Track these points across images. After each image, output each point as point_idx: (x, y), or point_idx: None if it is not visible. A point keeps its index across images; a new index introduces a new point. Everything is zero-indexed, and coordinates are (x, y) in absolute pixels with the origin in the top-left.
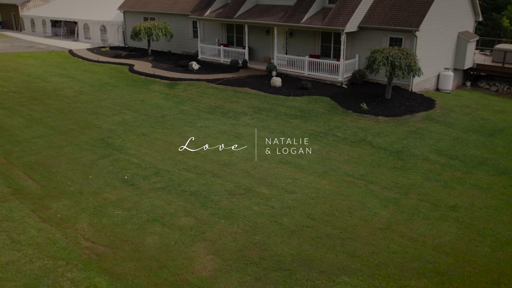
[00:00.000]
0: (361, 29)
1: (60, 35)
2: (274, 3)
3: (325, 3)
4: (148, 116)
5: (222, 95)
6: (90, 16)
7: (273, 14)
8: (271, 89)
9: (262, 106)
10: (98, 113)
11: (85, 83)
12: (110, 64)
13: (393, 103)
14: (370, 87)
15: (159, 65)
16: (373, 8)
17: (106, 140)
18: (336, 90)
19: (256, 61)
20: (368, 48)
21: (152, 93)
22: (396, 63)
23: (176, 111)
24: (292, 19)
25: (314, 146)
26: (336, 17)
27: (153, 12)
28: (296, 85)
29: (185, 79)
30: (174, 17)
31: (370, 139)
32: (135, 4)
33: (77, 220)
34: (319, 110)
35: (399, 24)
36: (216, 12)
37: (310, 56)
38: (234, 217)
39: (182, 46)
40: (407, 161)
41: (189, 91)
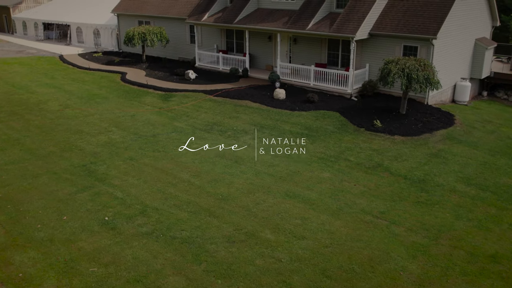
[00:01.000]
0: (372, 36)
1: (52, 39)
2: (277, 7)
3: (333, 8)
4: (138, 136)
5: (220, 110)
6: (83, 19)
7: (276, 19)
8: (274, 102)
9: (264, 122)
10: (83, 132)
11: (72, 94)
12: (101, 72)
13: (409, 119)
14: (382, 100)
15: (154, 73)
16: (385, 13)
17: (88, 166)
18: (345, 104)
19: (257, 69)
20: (382, 59)
21: (144, 106)
22: (413, 75)
23: (170, 129)
24: (296, 25)
25: (324, 173)
26: (345, 24)
27: (148, 16)
28: (301, 98)
29: (180, 90)
30: (170, 21)
31: (387, 164)
32: (129, 7)
33: (43, 281)
34: (327, 128)
35: (414, 31)
36: (214, 16)
37: (316, 65)
38: (233, 276)
39: (178, 51)
40: (432, 193)
41: (185, 105)
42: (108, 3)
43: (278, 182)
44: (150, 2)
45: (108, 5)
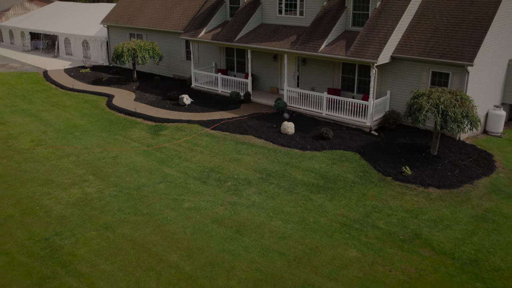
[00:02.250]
0: (394, 59)
1: (40, 49)
2: (284, 23)
3: (348, 25)
4: (118, 188)
5: (219, 148)
6: (71, 29)
7: (282, 37)
8: (281, 138)
9: (271, 168)
10: (53, 182)
11: (49, 125)
12: (86, 94)
13: (442, 162)
14: (407, 134)
15: (144, 96)
16: (409, 32)
17: (51, 240)
18: (364, 140)
19: (261, 92)
20: (406, 86)
21: (130, 143)
22: (450, 113)
23: (158, 178)
24: (307, 46)
25: (350, 250)
26: (365, 46)
27: (140, 29)
28: (313, 132)
29: (173, 120)
30: (165, 35)
31: (427, 233)
32: (120, 19)
33: None
34: (347, 177)
35: (445, 56)
36: (213, 32)
37: (329, 91)
38: None
39: (173, 68)
40: (490, 283)
41: (177, 141)
42: (99, 13)
43: (292, 267)
44: (142, 13)
45: (99, 15)
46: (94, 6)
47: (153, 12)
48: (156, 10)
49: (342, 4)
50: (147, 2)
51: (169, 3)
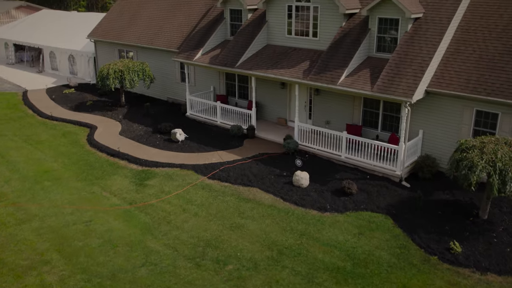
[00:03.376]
0: (429, 93)
1: (25, 61)
2: (294, 45)
3: (372, 51)
4: (87, 276)
5: (217, 208)
6: (57, 42)
7: (293, 62)
8: (294, 193)
9: (283, 240)
10: (4, 266)
11: (15, 171)
12: (66, 123)
13: (496, 230)
14: (445, 186)
15: (132, 127)
16: (447, 61)
17: None
18: (395, 196)
19: (266, 123)
20: (449, 130)
21: (109, 198)
22: (510, 173)
23: (139, 257)
24: (323, 76)
25: None
26: (395, 79)
27: (130, 45)
28: (331, 182)
29: (163, 164)
30: (157, 52)
31: None
32: (107, 33)
33: None
34: (381, 257)
35: (494, 93)
36: (211, 54)
37: (348, 128)
38: None
39: (167, 90)
40: None
41: (167, 196)
42: (88, 23)
43: None
44: (133, 28)
45: (88, 25)
46: (84, 15)
47: (144, 27)
48: (147, 24)
49: (364, 26)
50: (138, 15)
51: (162, 17)
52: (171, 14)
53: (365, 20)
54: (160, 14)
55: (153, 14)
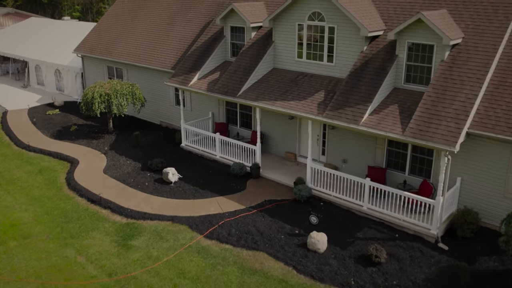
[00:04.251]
0: (469, 135)
1: (10, 74)
2: (305, 70)
3: (400, 81)
4: None
5: (216, 285)
6: (44, 54)
7: (305, 92)
8: (309, 261)
9: None
10: None
11: None
12: (45, 156)
13: None
14: (492, 251)
15: (118, 162)
16: (492, 97)
17: None
18: (433, 264)
19: (273, 158)
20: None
21: (84, 267)
22: None
23: None
24: (342, 113)
25: None
26: (432, 121)
27: (120, 62)
28: (354, 244)
29: (151, 216)
30: (150, 71)
31: None
32: (95, 48)
33: None
34: None
35: None
36: (209, 78)
37: (370, 172)
38: None
39: (160, 114)
40: None
41: (154, 264)
42: (78, 34)
43: None
44: (123, 43)
45: (78, 36)
46: (74, 24)
47: (136, 43)
48: (139, 40)
49: (390, 51)
50: (129, 29)
51: (155, 32)
52: (165, 29)
53: (392, 44)
54: (153, 28)
55: (146, 28)
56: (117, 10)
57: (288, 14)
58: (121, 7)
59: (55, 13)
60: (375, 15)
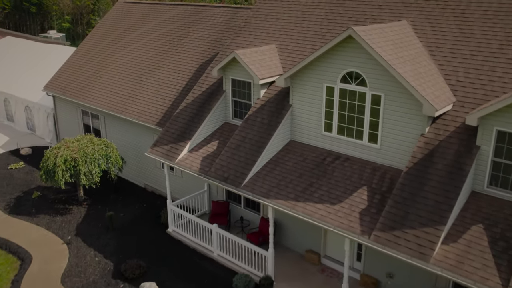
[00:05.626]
0: None
1: None
2: (337, 148)
3: (482, 185)
4: None
5: None
6: (13, 87)
7: (338, 189)
8: None
9: None
10: None
11: None
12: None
13: None
14: None
15: (84, 260)
16: None
17: None
18: None
19: (288, 256)
20: None
21: None
22: None
23: None
24: (401, 237)
25: None
26: None
27: (96, 109)
28: None
29: None
30: (131, 122)
31: None
32: (68, 87)
33: None
34: None
35: None
36: (203, 151)
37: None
38: None
39: (145, 175)
40: None
41: None
42: (54, 63)
43: None
44: (99, 83)
45: (54, 65)
46: (55, 48)
47: (114, 85)
48: (118, 81)
49: (467, 140)
50: (108, 66)
51: (139, 74)
52: (151, 70)
53: (465, 128)
54: (136, 67)
55: (127, 66)
56: (95, 40)
57: (313, 72)
58: (99, 36)
59: (44, 23)
60: (440, 81)
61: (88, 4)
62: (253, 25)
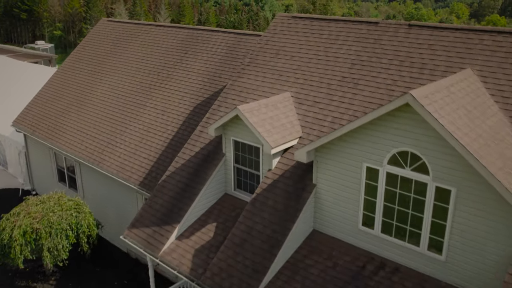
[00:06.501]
0: None
1: None
2: (382, 252)
3: None
4: None
5: None
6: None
7: None
8: None
9: None
10: None
11: None
12: None
13: None
14: None
15: None
16: None
17: None
18: None
19: None
20: None
21: None
22: None
23: None
24: None
25: None
26: None
27: (69, 155)
28: None
29: None
30: (110, 179)
31: None
32: (38, 126)
33: None
34: None
35: None
36: (196, 238)
37: None
38: None
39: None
40: None
41: None
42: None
43: None
44: (73, 122)
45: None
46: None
47: (91, 128)
48: (96, 123)
49: None
50: (82, 102)
51: (118, 114)
52: (135, 111)
53: None
54: (118, 106)
55: (108, 104)
56: (73, 65)
57: (348, 145)
58: (78, 62)
59: (36, 30)
60: None
61: (80, 11)
62: (260, 62)
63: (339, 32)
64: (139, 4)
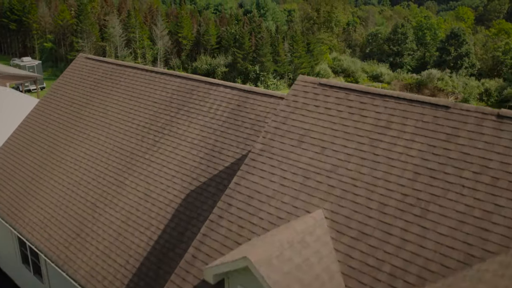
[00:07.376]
0: None
1: None
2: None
3: None
4: None
5: None
6: None
7: None
8: None
9: None
10: None
11: None
12: None
13: None
14: None
15: None
16: None
17: None
18: None
19: None
20: None
21: None
22: None
23: None
24: None
25: None
26: None
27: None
28: None
29: None
30: None
31: None
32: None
33: None
34: None
35: None
36: None
37: None
38: None
39: None
40: None
41: None
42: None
43: None
44: (38, 202)
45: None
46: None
47: (57, 209)
48: (63, 202)
49: None
50: (50, 169)
51: (90, 193)
52: (111, 191)
53: None
54: (90, 181)
55: (79, 175)
56: (43, 114)
57: None
58: (50, 109)
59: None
60: None
61: (72, 23)
62: (277, 151)
63: (390, 116)
64: (133, 15)
